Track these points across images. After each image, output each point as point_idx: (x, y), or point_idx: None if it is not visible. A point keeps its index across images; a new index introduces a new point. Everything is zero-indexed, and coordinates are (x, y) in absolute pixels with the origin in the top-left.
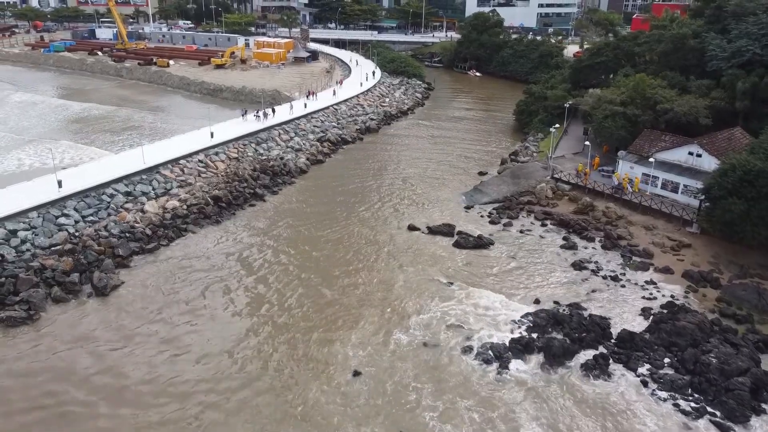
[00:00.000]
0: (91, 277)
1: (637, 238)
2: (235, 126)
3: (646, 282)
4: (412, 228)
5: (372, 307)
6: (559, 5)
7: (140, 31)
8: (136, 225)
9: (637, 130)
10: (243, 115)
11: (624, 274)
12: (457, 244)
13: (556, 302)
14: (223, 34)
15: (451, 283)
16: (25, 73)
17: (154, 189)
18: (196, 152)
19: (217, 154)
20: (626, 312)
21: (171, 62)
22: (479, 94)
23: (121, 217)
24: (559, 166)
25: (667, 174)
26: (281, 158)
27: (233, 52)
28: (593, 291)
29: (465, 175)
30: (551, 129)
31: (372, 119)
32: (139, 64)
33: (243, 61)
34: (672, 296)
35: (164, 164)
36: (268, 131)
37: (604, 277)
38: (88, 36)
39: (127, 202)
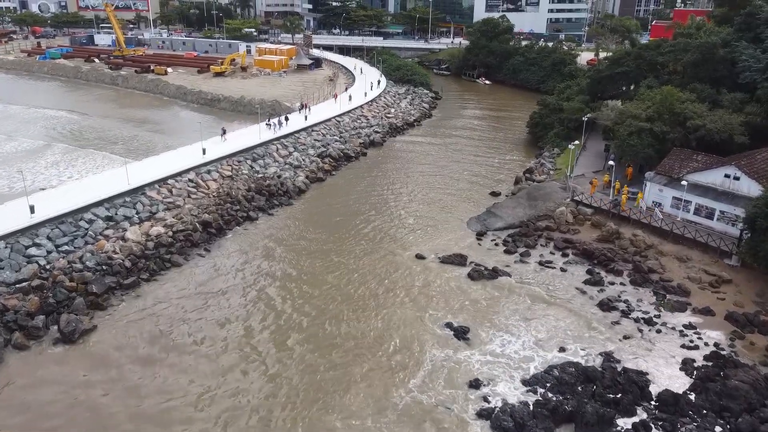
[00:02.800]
0: (58, 320)
1: (670, 271)
2: (228, 141)
3: (685, 326)
4: (419, 257)
5: (375, 356)
6: (570, 11)
7: (139, 37)
8: (115, 256)
9: (664, 149)
10: (222, 135)
11: (659, 316)
12: (469, 278)
13: (583, 350)
14: (224, 41)
15: (466, 328)
16: (16, 81)
17: (138, 213)
18: (187, 170)
19: (209, 172)
20: (665, 364)
21: (169, 70)
22: (489, 103)
23: (99, 246)
24: (579, 186)
25: (701, 198)
26: (278, 176)
27: (233, 60)
28: (625, 337)
29: (476, 194)
30: (570, 145)
31: (377, 132)
32: (135, 71)
33: (243, 69)
34: (716, 344)
35: (150, 184)
36: (266, 146)
37: (636, 320)
38: (86, 42)
39: (107, 228)
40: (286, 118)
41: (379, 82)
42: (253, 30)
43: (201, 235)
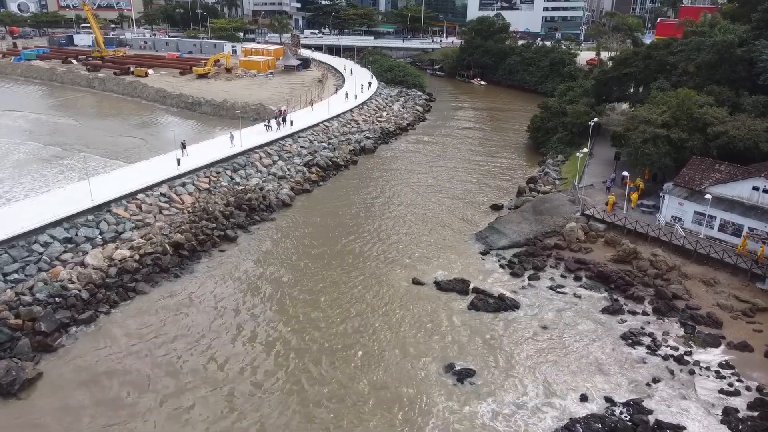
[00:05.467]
0: None
1: (697, 297)
2: (209, 150)
3: (721, 365)
4: (416, 282)
5: (366, 411)
6: (565, 9)
7: (121, 37)
8: (71, 285)
9: (682, 157)
10: (182, 149)
11: (690, 353)
12: (473, 307)
13: (608, 399)
14: (209, 41)
15: (471, 371)
16: None
17: (101, 233)
18: (159, 183)
19: (184, 185)
20: (704, 415)
21: (150, 71)
22: (485, 106)
23: (53, 273)
24: (589, 198)
25: (727, 213)
26: (261, 188)
27: (217, 60)
28: (654, 381)
29: (476, 207)
30: (578, 153)
31: (368, 137)
32: (114, 73)
33: (228, 70)
34: (759, 389)
35: (117, 200)
36: (248, 155)
37: (665, 358)
38: (65, 43)
39: (65, 252)
40: (284, 119)
41: (369, 83)
42: (241, 33)
43: (171, 258)
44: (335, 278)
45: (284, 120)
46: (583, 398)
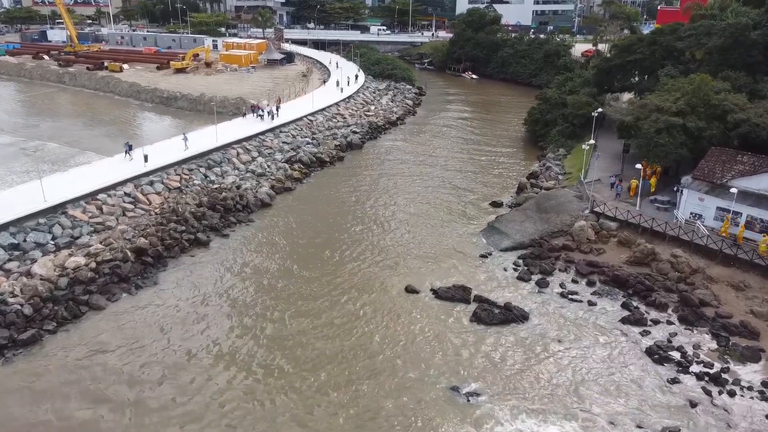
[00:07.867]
0: None
1: (727, 303)
2: (178, 146)
3: (764, 384)
4: (411, 291)
5: None
6: (556, 2)
7: (97, 32)
8: (11, 300)
9: (699, 148)
10: (127, 152)
11: (727, 370)
12: (476, 318)
13: (640, 427)
14: (189, 35)
15: (477, 394)
16: None
17: (54, 238)
18: (123, 182)
19: (152, 183)
20: None
21: (125, 66)
22: (478, 99)
23: None
24: (598, 194)
25: (754, 209)
26: (237, 187)
27: (196, 54)
28: (690, 404)
29: (473, 206)
30: (583, 146)
31: (355, 132)
32: (87, 68)
33: (208, 65)
34: None
35: (75, 201)
36: (224, 151)
37: (700, 377)
38: (38, 38)
39: (9, 260)
40: (278, 108)
41: (356, 77)
42: (223, 28)
43: (133, 266)
44: (318, 288)
45: (278, 109)
46: (612, 425)
